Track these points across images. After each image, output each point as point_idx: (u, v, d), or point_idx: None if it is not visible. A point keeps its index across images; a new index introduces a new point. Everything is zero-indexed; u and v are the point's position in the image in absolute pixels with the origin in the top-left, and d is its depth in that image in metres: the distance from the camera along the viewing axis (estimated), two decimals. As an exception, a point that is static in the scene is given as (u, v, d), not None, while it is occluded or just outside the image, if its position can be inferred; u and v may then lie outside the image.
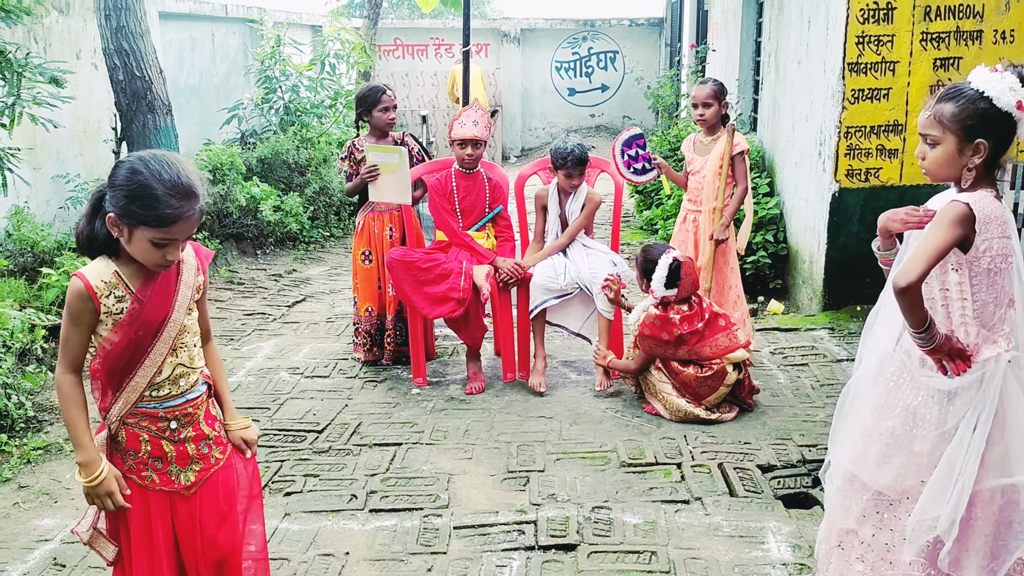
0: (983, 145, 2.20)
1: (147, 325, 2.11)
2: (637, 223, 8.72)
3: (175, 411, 2.20)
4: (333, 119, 9.61)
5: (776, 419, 4.19)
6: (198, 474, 2.25)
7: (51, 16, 6.66)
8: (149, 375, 2.14)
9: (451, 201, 4.71)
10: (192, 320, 2.23)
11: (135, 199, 2.00)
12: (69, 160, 6.82)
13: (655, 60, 14.78)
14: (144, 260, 2.07)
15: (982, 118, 2.18)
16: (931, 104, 2.26)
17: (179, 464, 2.22)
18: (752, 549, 3.11)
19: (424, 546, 3.17)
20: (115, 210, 2.02)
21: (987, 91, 2.17)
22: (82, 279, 2.06)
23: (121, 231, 2.04)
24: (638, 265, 4.38)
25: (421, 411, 4.40)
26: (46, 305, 5.13)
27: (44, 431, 4.17)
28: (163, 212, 2.00)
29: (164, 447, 2.20)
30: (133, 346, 2.11)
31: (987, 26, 5.06)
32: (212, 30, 9.63)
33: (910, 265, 2.13)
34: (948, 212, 2.18)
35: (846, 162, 5.32)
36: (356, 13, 17.04)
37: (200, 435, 2.26)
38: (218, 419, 2.34)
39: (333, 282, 7.01)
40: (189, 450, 2.23)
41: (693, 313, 4.18)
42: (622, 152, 4.80)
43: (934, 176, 2.30)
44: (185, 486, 2.23)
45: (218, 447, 2.30)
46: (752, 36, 8.08)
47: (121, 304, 2.09)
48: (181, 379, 2.20)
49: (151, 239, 2.03)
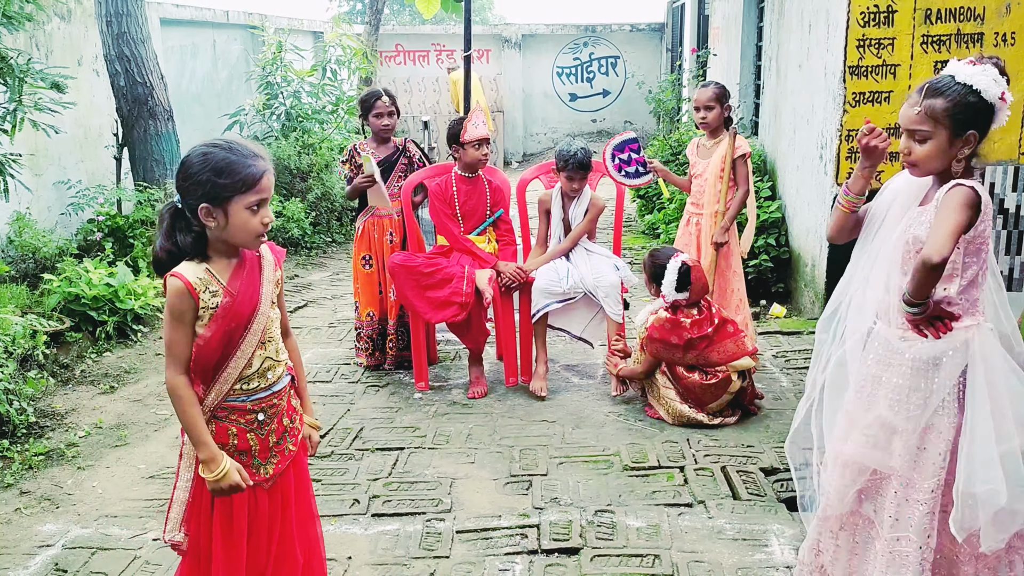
0: (974, 136, 2.28)
1: (239, 317, 2.18)
2: (639, 227, 8.72)
3: (262, 403, 2.28)
4: (335, 125, 9.62)
5: (779, 422, 4.18)
6: (275, 466, 2.32)
7: (52, 22, 6.67)
8: (240, 367, 2.21)
9: (452, 206, 4.71)
10: (276, 314, 2.31)
11: (220, 172, 2.09)
12: (70, 166, 6.83)
13: (656, 65, 14.79)
14: (246, 233, 2.15)
15: (972, 110, 2.26)
16: (918, 100, 2.29)
17: (260, 457, 2.29)
18: (755, 552, 3.10)
19: (427, 550, 3.16)
20: (204, 199, 2.10)
21: (975, 84, 2.25)
22: (180, 278, 2.13)
23: (215, 216, 2.12)
24: (646, 270, 4.36)
25: (423, 415, 4.39)
26: (47, 311, 5.13)
27: (46, 437, 4.17)
28: (249, 172, 2.11)
29: (249, 440, 2.27)
30: (226, 339, 2.18)
31: (988, 29, 5.06)
32: (213, 36, 9.65)
33: (940, 241, 2.18)
34: (960, 196, 2.23)
35: (847, 165, 5.31)
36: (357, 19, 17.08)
37: (281, 428, 2.34)
38: (296, 410, 2.41)
39: (335, 287, 7.01)
40: (271, 442, 2.30)
41: (703, 318, 4.17)
42: (613, 156, 4.80)
43: (923, 170, 2.35)
44: (265, 478, 2.30)
45: (292, 438, 2.37)
46: (753, 40, 8.09)
47: (215, 299, 2.16)
48: (268, 372, 2.27)
49: (247, 205, 2.11)
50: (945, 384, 2.30)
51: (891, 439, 2.36)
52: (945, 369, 2.30)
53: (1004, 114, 2.29)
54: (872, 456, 2.38)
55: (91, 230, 6.37)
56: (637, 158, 4.78)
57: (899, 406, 2.35)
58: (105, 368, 5.06)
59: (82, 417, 4.42)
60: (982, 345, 2.30)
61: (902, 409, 2.34)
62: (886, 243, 2.42)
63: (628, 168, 4.80)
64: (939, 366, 2.30)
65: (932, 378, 2.31)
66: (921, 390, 2.32)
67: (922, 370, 2.32)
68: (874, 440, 2.39)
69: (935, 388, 2.30)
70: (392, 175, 4.94)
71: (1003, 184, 5.40)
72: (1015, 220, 5.48)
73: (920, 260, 2.20)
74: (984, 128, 2.29)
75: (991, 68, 2.25)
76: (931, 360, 2.31)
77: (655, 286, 4.29)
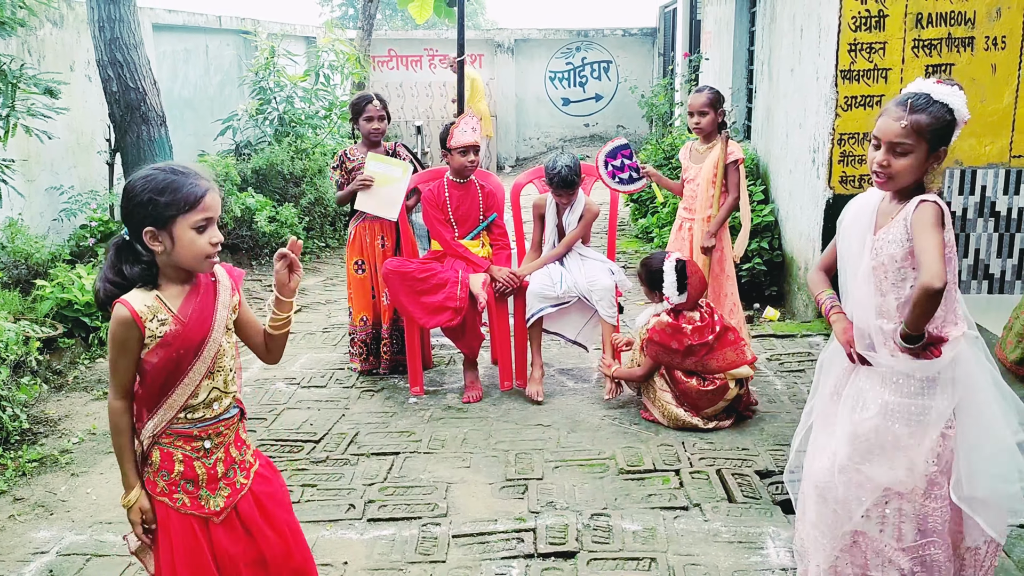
0: (944, 152, 2.36)
1: (187, 344, 2.15)
2: (632, 232, 8.74)
3: (208, 430, 2.24)
4: (328, 130, 9.61)
5: (773, 425, 4.19)
6: (227, 500, 2.27)
7: (45, 28, 6.66)
8: (186, 394, 2.18)
9: (444, 211, 4.71)
10: (229, 344, 2.27)
11: (161, 191, 2.07)
12: (63, 172, 6.81)
13: (648, 69, 14.82)
14: (193, 256, 2.12)
15: (947, 129, 2.34)
16: (903, 115, 2.32)
17: (208, 488, 2.24)
18: (751, 555, 3.11)
19: (423, 555, 3.16)
20: (147, 222, 2.08)
21: (951, 104, 2.32)
22: (126, 305, 2.10)
23: (161, 239, 2.09)
24: (643, 280, 4.36)
25: (418, 420, 4.39)
26: (40, 317, 5.12)
27: (39, 443, 4.15)
28: (190, 190, 2.08)
29: (196, 468, 2.22)
30: (172, 365, 2.15)
31: (979, 33, 5.09)
32: (206, 41, 9.64)
33: (936, 266, 2.21)
34: (930, 213, 2.28)
35: (840, 169, 5.33)
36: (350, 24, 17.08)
37: (229, 459, 2.29)
38: (246, 444, 2.37)
39: (329, 292, 7.00)
40: (219, 472, 2.26)
41: (705, 325, 4.17)
42: (606, 163, 4.81)
43: (897, 183, 2.38)
44: (215, 512, 2.25)
45: (243, 472, 2.33)
46: (745, 45, 8.12)
47: (164, 327, 2.13)
48: (215, 403, 2.24)
49: (192, 224, 2.09)
50: (942, 399, 2.35)
51: (895, 455, 2.39)
52: (941, 384, 2.35)
53: (956, 136, 2.37)
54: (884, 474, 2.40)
55: (84, 236, 6.36)
56: (630, 164, 4.80)
57: (895, 421, 2.38)
58: (98, 374, 5.04)
59: (76, 423, 4.40)
60: (968, 354, 2.36)
61: (901, 423, 2.38)
62: (857, 275, 2.46)
63: (621, 174, 4.82)
64: (935, 382, 2.36)
65: (930, 395, 2.36)
66: (920, 407, 2.36)
67: (919, 388, 2.37)
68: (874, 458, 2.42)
69: (934, 404, 2.35)
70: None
71: (994, 187, 5.43)
72: (1006, 223, 5.51)
73: (921, 290, 2.21)
74: (949, 144, 2.37)
75: (958, 91, 2.34)
76: (926, 379, 2.36)
77: (657, 293, 4.28)
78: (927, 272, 2.21)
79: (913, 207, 2.31)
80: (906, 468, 2.37)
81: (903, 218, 2.34)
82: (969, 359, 2.36)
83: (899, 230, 2.34)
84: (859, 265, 2.44)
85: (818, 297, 2.63)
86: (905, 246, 2.33)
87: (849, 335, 2.44)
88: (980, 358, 2.38)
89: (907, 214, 2.33)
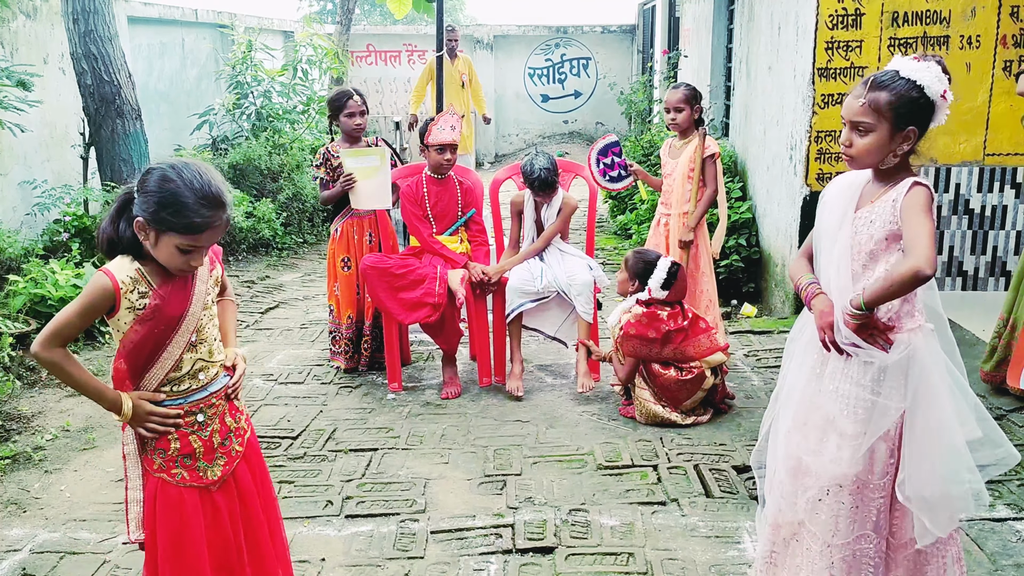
0: (914, 132, 2.28)
1: (167, 319, 2.17)
2: (611, 228, 8.76)
3: (200, 403, 2.26)
4: (306, 125, 9.56)
5: (750, 420, 4.22)
6: (223, 468, 2.31)
7: (18, 20, 6.56)
8: (166, 368, 2.20)
9: (422, 207, 4.69)
10: (210, 315, 2.29)
11: (166, 206, 2.05)
12: (36, 166, 6.72)
13: (628, 66, 14.85)
14: (168, 264, 2.13)
15: (914, 106, 2.25)
16: (863, 92, 2.29)
17: (206, 459, 2.28)
18: (728, 549, 3.13)
19: (401, 551, 3.15)
20: (144, 215, 2.07)
21: (919, 80, 2.24)
22: (109, 275, 2.11)
23: (148, 235, 2.09)
24: (629, 267, 4.35)
25: (397, 416, 4.38)
26: (13, 312, 5.05)
27: (12, 440, 4.10)
28: (192, 220, 2.07)
29: (192, 443, 2.25)
30: (152, 340, 2.16)
31: (953, 31, 5.15)
32: (182, 35, 9.55)
33: (928, 251, 2.15)
34: (924, 198, 2.23)
35: (817, 166, 5.37)
36: (328, 19, 16.97)
37: (225, 428, 2.33)
38: (240, 410, 2.39)
39: (306, 288, 6.96)
40: (215, 442, 2.29)
41: (676, 312, 4.21)
42: (598, 161, 4.82)
43: (860, 163, 2.34)
44: (212, 481, 2.28)
45: (237, 439, 2.36)
46: (723, 42, 8.16)
47: (143, 300, 2.14)
48: (200, 373, 2.26)
49: (178, 245, 2.09)
50: (893, 391, 2.30)
51: (840, 445, 2.36)
52: (891, 375, 2.30)
53: (943, 113, 2.29)
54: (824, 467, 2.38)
55: (57, 230, 6.28)
56: (619, 161, 4.81)
57: (847, 411, 2.35)
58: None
59: (49, 420, 4.35)
60: (923, 348, 2.30)
61: (850, 414, 2.34)
62: (833, 251, 2.40)
63: (611, 172, 4.83)
64: (885, 372, 2.30)
65: (879, 385, 2.31)
66: (868, 398, 2.32)
67: (870, 380, 2.32)
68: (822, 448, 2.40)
69: (883, 395, 2.30)
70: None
71: (968, 184, 5.50)
72: (980, 221, 5.58)
73: (910, 271, 2.15)
74: (924, 125, 2.28)
75: (934, 66, 2.25)
76: (879, 368, 2.31)
77: (635, 283, 4.30)
78: (919, 256, 2.14)
79: (905, 189, 2.25)
80: (848, 460, 2.34)
81: (892, 199, 2.27)
82: (924, 355, 2.29)
83: (885, 210, 2.27)
84: (836, 241, 2.38)
85: (798, 282, 2.53)
86: (887, 228, 2.27)
87: (828, 319, 2.35)
88: (935, 352, 2.31)
89: (898, 195, 2.26)
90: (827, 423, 2.40)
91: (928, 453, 2.27)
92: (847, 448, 2.35)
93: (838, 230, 2.39)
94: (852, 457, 2.34)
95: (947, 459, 2.28)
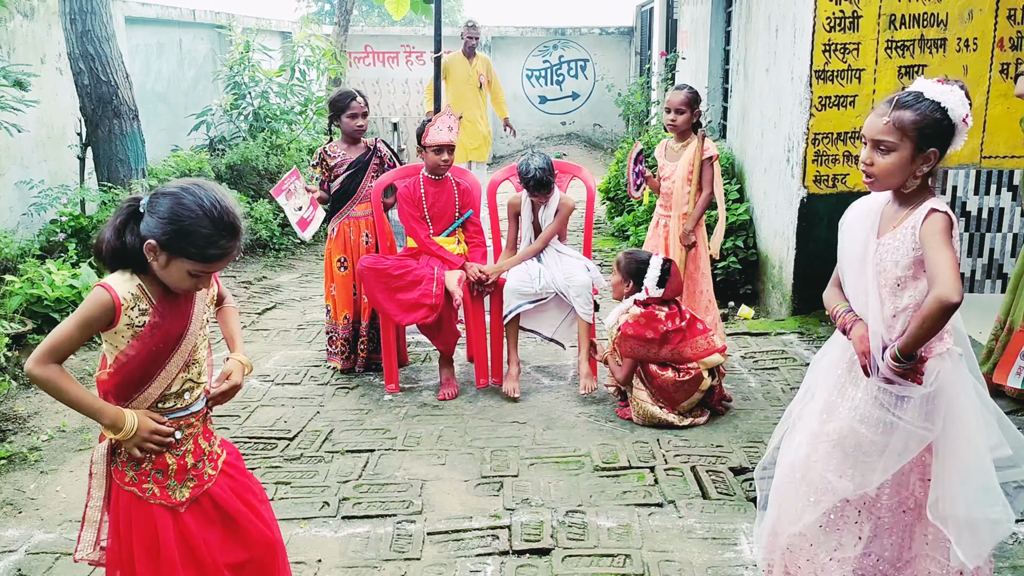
0: (934, 154, 2.26)
1: (167, 337, 2.14)
2: (609, 230, 8.76)
3: (179, 422, 2.23)
4: (303, 125, 9.55)
5: (747, 422, 4.22)
6: (192, 490, 2.26)
7: (15, 20, 6.55)
8: (162, 387, 2.17)
9: (420, 208, 4.69)
10: (204, 335, 2.26)
11: (184, 235, 2.01)
12: (33, 166, 6.71)
13: (625, 68, 14.87)
14: (175, 286, 2.11)
15: (937, 127, 2.24)
16: (887, 111, 2.27)
17: (177, 478, 2.24)
18: (725, 551, 3.13)
19: (397, 552, 3.15)
20: (158, 239, 2.02)
21: (943, 102, 2.24)
22: (110, 291, 2.07)
23: (158, 258, 2.05)
24: (621, 269, 4.36)
25: (394, 417, 4.37)
26: (9, 313, 5.04)
27: (8, 441, 4.09)
28: (209, 252, 2.05)
29: (167, 459, 2.22)
30: (151, 358, 2.13)
31: (951, 34, 5.15)
32: (180, 35, 9.54)
33: (953, 280, 2.12)
34: (940, 224, 2.20)
35: (814, 168, 5.38)
36: (326, 20, 16.97)
37: (199, 450, 2.29)
38: (213, 435, 2.36)
39: (304, 289, 6.96)
40: (188, 463, 2.25)
41: (674, 312, 4.22)
42: (635, 171, 4.80)
43: (881, 183, 2.32)
44: (180, 502, 2.24)
45: (211, 463, 2.32)
46: (721, 44, 8.17)
47: (143, 317, 2.10)
48: (186, 393, 2.23)
49: (190, 271, 2.06)
50: (914, 415, 2.28)
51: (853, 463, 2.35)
52: (914, 401, 2.28)
53: (963, 137, 2.28)
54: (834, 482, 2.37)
55: (54, 231, 6.27)
56: (641, 169, 4.82)
57: (863, 429, 2.34)
58: (68, 370, 4.96)
59: (45, 420, 4.34)
60: (952, 374, 2.28)
61: (867, 432, 2.33)
62: (860, 280, 2.39)
63: (637, 181, 4.84)
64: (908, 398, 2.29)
65: (899, 406, 2.30)
66: (889, 419, 2.31)
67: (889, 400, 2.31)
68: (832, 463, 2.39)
69: (904, 418, 2.29)
70: (365, 175, 4.91)
71: (965, 187, 5.50)
72: (977, 223, 5.59)
73: (936, 303, 2.13)
74: (944, 148, 2.27)
75: (958, 90, 2.25)
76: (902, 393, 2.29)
77: (630, 283, 4.30)
78: (943, 286, 2.12)
79: (922, 216, 2.23)
80: (859, 478, 2.32)
81: (911, 226, 2.25)
82: (952, 384, 2.27)
83: (906, 237, 2.26)
84: (861, 271, 2.36)
85: (834, 311, 2.49)
86: (910, 255, 2.25)
87: (867, 344, 2.32)
88: (963, 377, 2.29)
89: (916, 223, 2.24)
90: (841, 439, 2.38)
91: (959, 475, 2.26)
92: (859, 465, 2.34)
93: (862, 260, 2.37)
94: (864, 476, 2.33)
95: (978, 481, 2.26)
